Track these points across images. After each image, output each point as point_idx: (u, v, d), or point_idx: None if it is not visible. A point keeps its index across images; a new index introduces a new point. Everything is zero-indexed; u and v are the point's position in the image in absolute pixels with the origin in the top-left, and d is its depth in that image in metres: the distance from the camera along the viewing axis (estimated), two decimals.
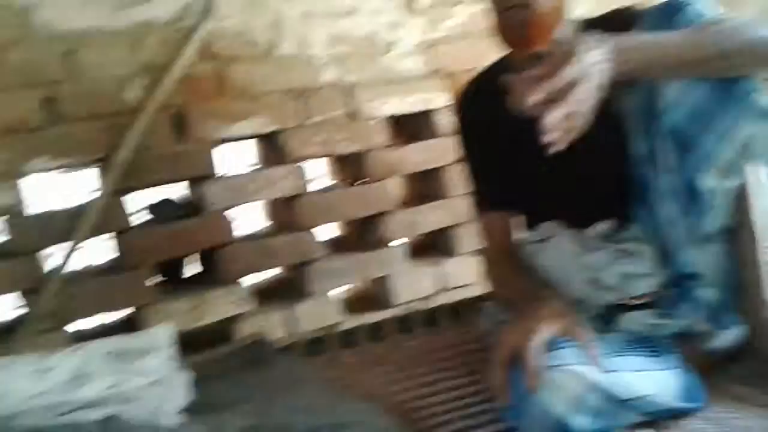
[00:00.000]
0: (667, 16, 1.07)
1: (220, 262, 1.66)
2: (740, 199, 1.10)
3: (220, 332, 1.65)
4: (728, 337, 1.19)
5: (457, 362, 1.36)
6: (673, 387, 1.02)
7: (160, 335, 1.21)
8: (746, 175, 1.08)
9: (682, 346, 1.13)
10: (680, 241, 1.12)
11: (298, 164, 1.73)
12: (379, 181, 1.83)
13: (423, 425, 1.12)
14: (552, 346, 0.96)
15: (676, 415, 1.01)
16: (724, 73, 1.04)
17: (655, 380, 1.01)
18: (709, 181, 1.06)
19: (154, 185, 1.64)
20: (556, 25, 1.15)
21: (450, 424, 1.11)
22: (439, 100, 1.89)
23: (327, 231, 1.99)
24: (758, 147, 1.05)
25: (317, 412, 1.11)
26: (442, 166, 1.90)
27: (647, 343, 1.10)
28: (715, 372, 1.15)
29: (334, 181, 1.97)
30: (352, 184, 1.87)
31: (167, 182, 1.66)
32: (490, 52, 1.84)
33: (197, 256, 1.78)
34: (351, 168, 1.88)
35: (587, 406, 0.93)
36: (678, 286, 1.15)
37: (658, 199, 1.13)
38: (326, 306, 1.76)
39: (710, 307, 1.13)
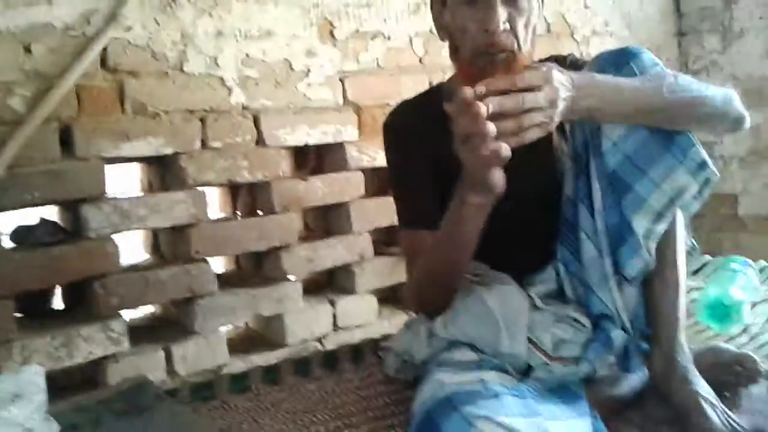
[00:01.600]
0: (620, 63, 1.09)
1: (96, 295, 1.49)
2: (664, 245, 1.12)
3: (92, 374, 1.49)
4: (633, 382, 1.21)
5: (359, 407, 1.29)
6: (585, 428, 1.01)
7: (30, 378, 1.05)
8: (674, 223, 1.12)
9: (589, 391, 1.13)
10: (600, 282, 1.14)
11: (196, 190, 1.61)
12: (280, 213, 1.74)
13: None
14: (477, 397, 0.93)
15: None
16: (668, 124, 1.07)
17: (572, 429, 0.99)
18: (642, 224, 1.08)
19: (33, 205, 1.45)
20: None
21: None
22: (349, 132, 1.84)
23: (219, 264, 1.87)
24: (689, 197, 1.09)
25: None
26: (347, 201, 1.85)
27: (560, 391, 1.10)
28: (617, 417, 1.16)
29: (232, 211, 1.86)
30: (250, 215, 1.77)
31: (49, 202, 1.49)
32: (403, 90, 1.84)
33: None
34: (252, 197, 1.79)
35: None
36: (594, 327, 1.15)
37: (585, 239, 1.14)
38: (214, 345, 1.64)
39: (619, 351, 1.15)
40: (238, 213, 1.85)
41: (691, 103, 1.07)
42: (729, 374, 1.22)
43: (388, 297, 1.97)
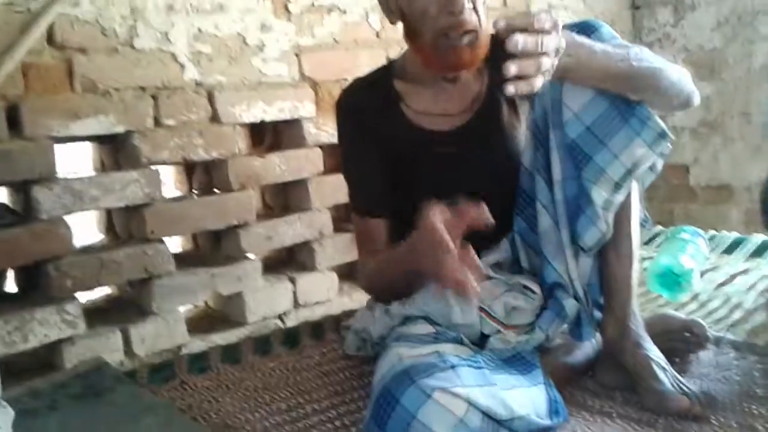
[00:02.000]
0: (582, 34, 1.09)
1: (50, 277, 1.45)
2: (619, 216, 1.15)
3: (47, 358, 1.46)
4: (586, 350, 1.25)
5: (320, 383, 1.30)
6: (541, 403, 1.04)
7: None
8: (629, 194, 1.14)
9: (543, 359, 1.15)
10: (555, 252, 1.16)
11: (150, 169, 1.58)
12: (237, 191, 1.72)
13: None
14: (434, 369, 0.94)
15: (542, 430, 1.02)
16: (633, 92, 1.09)
17: (527, 398, 1.02)
18: (601, 195, 1.10)
19: None
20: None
21: None
22: (306, 108, 1.82)
23: (176, 243, 1.85)
24: (645, 168, 1.12)
25: None
26: (306, 178, 1.84)
27: (515, 360, 1.12)
28: (572, 385, 1.19)
29: (187, 190, 1.84)
30: (207, 193, 1.75)
31: None
32: (360, 64, 1.82)
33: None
34: (208, 176, 1.76)
35: (468, 428, 0.92)
36: (547, 296, 1.18)
37: (542, 210, 1.16)
38: (173, 326, 1.62)
39: (572, 319, 1.17)
40: (194, 192, 1.82)
41: (654, 74, 1.08)
42: (679, 340, 1.26)
43: (349, 273, 1.97)
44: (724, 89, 2.65)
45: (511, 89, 0.92)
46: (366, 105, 1.28)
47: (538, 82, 0.93)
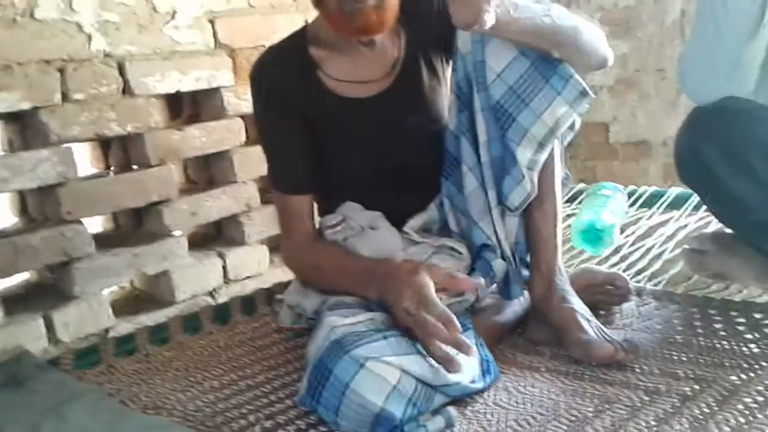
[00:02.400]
0: None
1: None
2: (543, 175, 1.17)
3: None
4: (515, 308, 1.27)
5: (254, 359, 1.28)
6: (474, 365, 1.05)
7: None
8: (552, 153, 1.16)
9: (474, 320, 1.17)
10: (482, 213, 1.17)
11: (62, 147, 1.50)
12: (156, 166, 1.66)
13: None
14: (366, 338, 0.94)
15: (476, 391, 1.04)
16: (556, 48, 1.10)
17: (460, 362, 1.02)
18: (525, 155, 1.11)
19: None
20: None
21: (255, 426, 1.03)
22: (224, 77, 1.76)
23: (95, 224, 1.78)
24: (566, 127, 1.14)
25: None
26: (228, 150, 1.79)
27: None
28: (503, 343, 1.21)
29: (104, 167, 1.76)
30: (124, 170, 1.68)
31: None
32: (278, 29, 1.77)
33: None
34: (124, 151, 1.69)
35: (402, 395, 0.92)
36: (476, 258, 1.19)
37: (467, 172, 1.16)
38: (97, 309, 1.57)
39: (501, 279, 1.19)
40: (112, 169, 1.75)
41: (575, 30, 1.10)
42: (602, 293, 1.30)
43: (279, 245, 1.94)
44: (639, 46, 2.72)
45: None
46: (281, 75, 1.24)
47: (490, 20, 0.95)
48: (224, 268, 1.80)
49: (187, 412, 1.10)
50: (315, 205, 1.31)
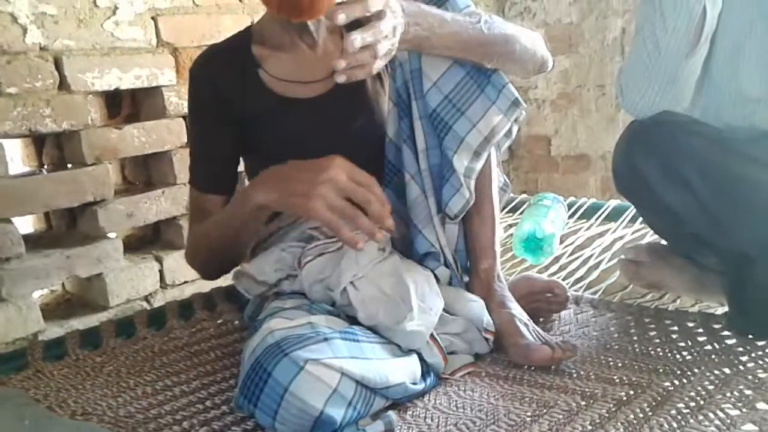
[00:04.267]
0: (436, 3, 1.10)
1: None
2: (481, 183, 1.18)
3: None
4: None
5: (189, 364, 1.24)
6: (416, 369, 1.04)
7: None
8: (489, 161, 1.18)
9: None
10: (425, 221, 1.17)
11: None
12: (92, 165, 1.61)
13: None
14: (306, 340, 0.92)
15: (416, 394, 1.04)
16: (487, 60, 1.11)
17: (402, 365, 1.02)
18: (462, 163, 1.12)
19: None
20: None
21: None
22: (166, 76, 1.73)
23: (26, 223, 1.71)
24: (501, 135, 1.14)
25: None
26: (168, 150, 1.75)
27: None
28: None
29: (37, 165, 1.69)
30: (59, 168, 1.63)
31: None
32: (223, 29, 1.74)
33: None
34: (59, 149, 1.63)
35: (342, 398, 0.91)
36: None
37: (410, 180, 1.16)
38: (26, 312, 1.50)
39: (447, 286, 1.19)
40: (45, 167, 1.68)
41: (506, 40, 1.11)
42: (542, 301, 1.32)
43: None
44: (581, 62, 2.79)
45: (342, 78, 0.93)
46: (221, 73, 1.22)
47: (376, 67, 0.94)
48: (161, 272, 1.76)
49: (118, 419, 1.05)
50: None
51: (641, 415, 0.94)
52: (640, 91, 1.19)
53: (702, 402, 0.96)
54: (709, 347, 1.14)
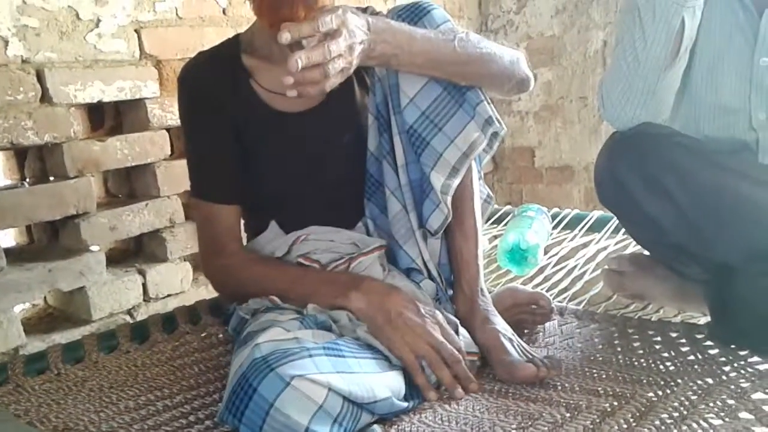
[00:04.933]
0: (413, 17, 1.10)
1: None
2: (462, 198, 1.18)
3: None
4: None
5: (173, 378, 1.23)
6: (401, 384, 1.04)
7: None
8: (469, 175, 1.18)
9: None
10: (406, 236, 1.17)
11: None
12: (75, 177, 1.59)
13: None
14: (292, 356, 0.92)
15: (403, 410, 1.03)
16: (461, 78, 1.11)
17: (388, 380, 1.02)
18: (439, 179, 1.12)
19: None
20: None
21: None
22: (149, 88, 1.72)
23: (8, 237, 1.69)
24: (480, 150, 1.14)
25: None
26: (152, 163, 1.74)
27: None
28: None
29: (19, 178, 1.68)
30: (41, 181, 1.61)
31: None
32: (205, 41, 1.74)
33: None
34: (41, 162, 1.62)
35: (328, 414, 0.90)
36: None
37: (390, 195, 1.16)
38: (7, 327, 1.48)
39: (433, 299, 1.19)
40: (27, 179, 1.67)
41: (481, 59, 1.11)
42: (527, 312, 1.32)
43: None
44: (563, 74, 2.82)
45: (293, 93, 0.94)
46: (212, 80, 1.22)
47: (329, 84, 0.95)
48: (144, 285, 1.75)
49: None
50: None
51: (625, 426, 0.94)
52: (620, 103, 1.20)
53: (685, 412, 0.97)
54: (692, 357, 1.15)
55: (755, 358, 1.11)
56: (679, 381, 1.06)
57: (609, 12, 2.69)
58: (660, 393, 1.03)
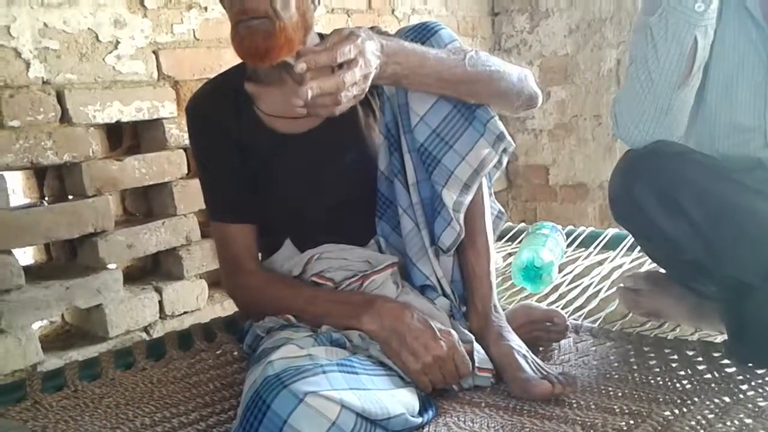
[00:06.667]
0: (421, 38, 1.11)
1: None
2: (474, 215, 1.18)
3: None
4: None
5: (188, 395, 1.23)
6: (414, 401, 1.04)
7: None
8: (481, 192, 1.18)
9: None
10: (419, 254, 1.17)
11: None
12: (93, 196, 1.62)
13: None
14: (306, 372, 0.92)
15: (416, 427, 1.03)
16: (470, 96, 1.11)
17: (401, 397, 1.02)
18: (451, 196, 1.12)
19: None
20: (302, 36, 1.13)
21: None
22: (167, 108, 1.75)
23: (27, 255, 1.71)
24: (490, 167, 1.15)
25: None
26: (169, 182, 1.76)
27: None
28: None
29: (38, 197, 1.71)
30: (59, 200, 1.64)
31: None
32: (222, 62, 1.77)
33: None
34: (60, 181, 1.65)
35: (342, 430, 0.90)
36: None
37: (402, 213, 1.17)
38: (25, 344, 1.50)
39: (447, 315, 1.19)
40: (46, 198, 1.70)
41: (490, 77, 1.12)
42: (541, 330, 1.31)
43: (219, 280, 1.91)
44: (577, 93, 2.82)
45: (303, 111, 0.95)
46: (216, 109, 1.24)
47: (339, 109, 0.97)
48: (161, 303, 1.76)
49: None
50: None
51: None
52: (634, 121, 1.20)
53: (702, 431, 0.96)
54: (708, 376, 1.14)
55: None
56: (696, 399, 1.06)
57: (622, 31, 2.70)
58: (677, 411, 1.03)
